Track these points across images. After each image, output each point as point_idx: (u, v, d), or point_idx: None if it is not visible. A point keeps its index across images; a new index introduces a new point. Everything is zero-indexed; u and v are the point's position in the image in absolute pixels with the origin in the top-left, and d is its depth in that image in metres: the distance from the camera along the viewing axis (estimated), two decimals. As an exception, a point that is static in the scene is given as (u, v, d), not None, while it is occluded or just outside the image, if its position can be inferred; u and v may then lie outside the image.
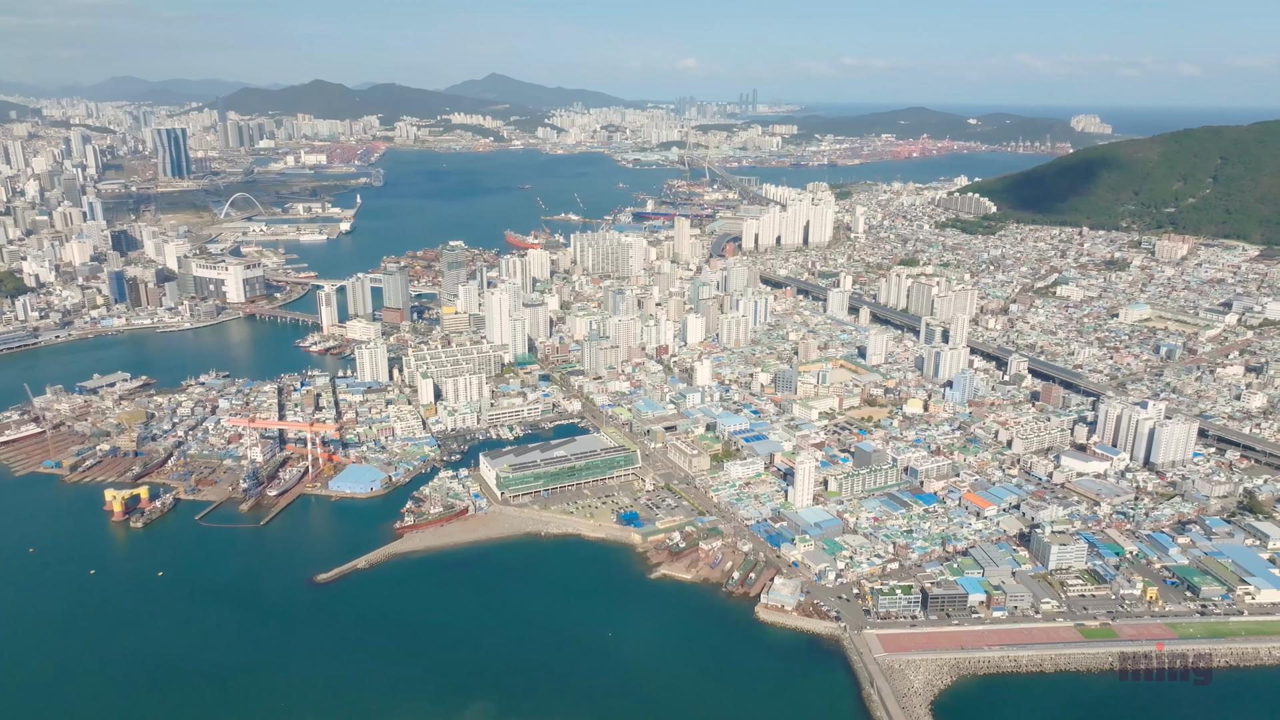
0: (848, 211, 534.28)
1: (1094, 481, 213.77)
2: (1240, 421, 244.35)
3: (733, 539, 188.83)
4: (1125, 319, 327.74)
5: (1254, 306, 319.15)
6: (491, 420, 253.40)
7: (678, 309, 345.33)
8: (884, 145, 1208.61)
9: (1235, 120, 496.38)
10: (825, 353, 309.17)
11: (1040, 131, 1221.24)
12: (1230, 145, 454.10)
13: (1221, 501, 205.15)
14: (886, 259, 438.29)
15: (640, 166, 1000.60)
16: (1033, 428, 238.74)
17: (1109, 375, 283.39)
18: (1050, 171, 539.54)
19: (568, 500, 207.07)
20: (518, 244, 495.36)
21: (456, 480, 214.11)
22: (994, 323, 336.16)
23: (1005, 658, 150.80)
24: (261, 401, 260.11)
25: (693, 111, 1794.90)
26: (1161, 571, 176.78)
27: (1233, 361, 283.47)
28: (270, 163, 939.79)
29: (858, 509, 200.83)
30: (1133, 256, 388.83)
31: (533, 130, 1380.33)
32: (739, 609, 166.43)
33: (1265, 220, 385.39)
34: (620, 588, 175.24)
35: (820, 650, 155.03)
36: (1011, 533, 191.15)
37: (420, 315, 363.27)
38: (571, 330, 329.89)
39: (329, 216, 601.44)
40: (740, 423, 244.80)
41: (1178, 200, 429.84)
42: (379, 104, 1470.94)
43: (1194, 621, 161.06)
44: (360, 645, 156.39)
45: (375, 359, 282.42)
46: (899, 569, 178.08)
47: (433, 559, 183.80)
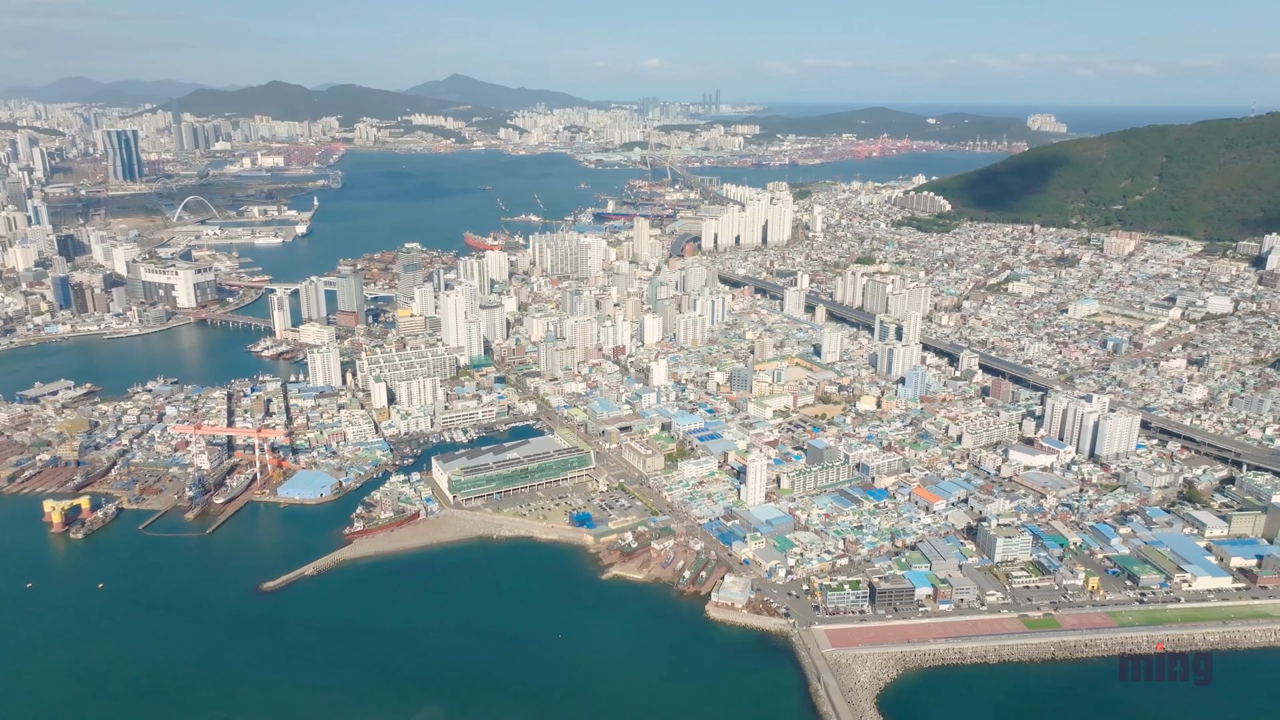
0: (806, 211, 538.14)
1: (1041, 475, 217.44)
2: (1182, 413, 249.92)
3: (685, 538, 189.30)
4: (1074, 314, 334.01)
5: (1196, 301, 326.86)
6: (446, 423, 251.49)
7: (635, 309, 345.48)
8: (845, 145, 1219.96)
9: (1186, 119, 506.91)
10: (781, 351, 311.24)
11: (997, 131, 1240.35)
12: (1175, 144, 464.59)
13: (1162, 492, 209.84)
14: (844, 257, 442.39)
15: (603, 167, 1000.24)
16: (982, 423, 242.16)
17: (1057, 370, 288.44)
18: (1004, 170, 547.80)
19: (521, 502, 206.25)
20: (477, 245, 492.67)
21: (408, 484, 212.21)
22: (947, 319, 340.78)
23: (950, 650, 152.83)
24: (210, 408, 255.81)
25: (656, 112, 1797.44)
26: (1103, 562, 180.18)
27: (1176, 355, 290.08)
28: (226, 165, 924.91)
29: (809, 506, 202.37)
30: (1082, 253, 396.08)
31: (495, 131, 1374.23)
32: (690, 608, 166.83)
33: (1207, 217, 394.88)
34: (572, 589, 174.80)
35: (769, 647, 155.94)
36: (960, 526, 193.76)
37: (376, 318, 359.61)
38: (528, 332, 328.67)
39: (285, 219, 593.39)
40: (695, 422, 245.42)
41: (1125, 198, 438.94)
42: (338, 105, 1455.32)
43: (1133, 610, 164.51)
44: (306, 653, 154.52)
45: (328, 363, 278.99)
46: (849, 564, 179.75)
47: (382, 564, 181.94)
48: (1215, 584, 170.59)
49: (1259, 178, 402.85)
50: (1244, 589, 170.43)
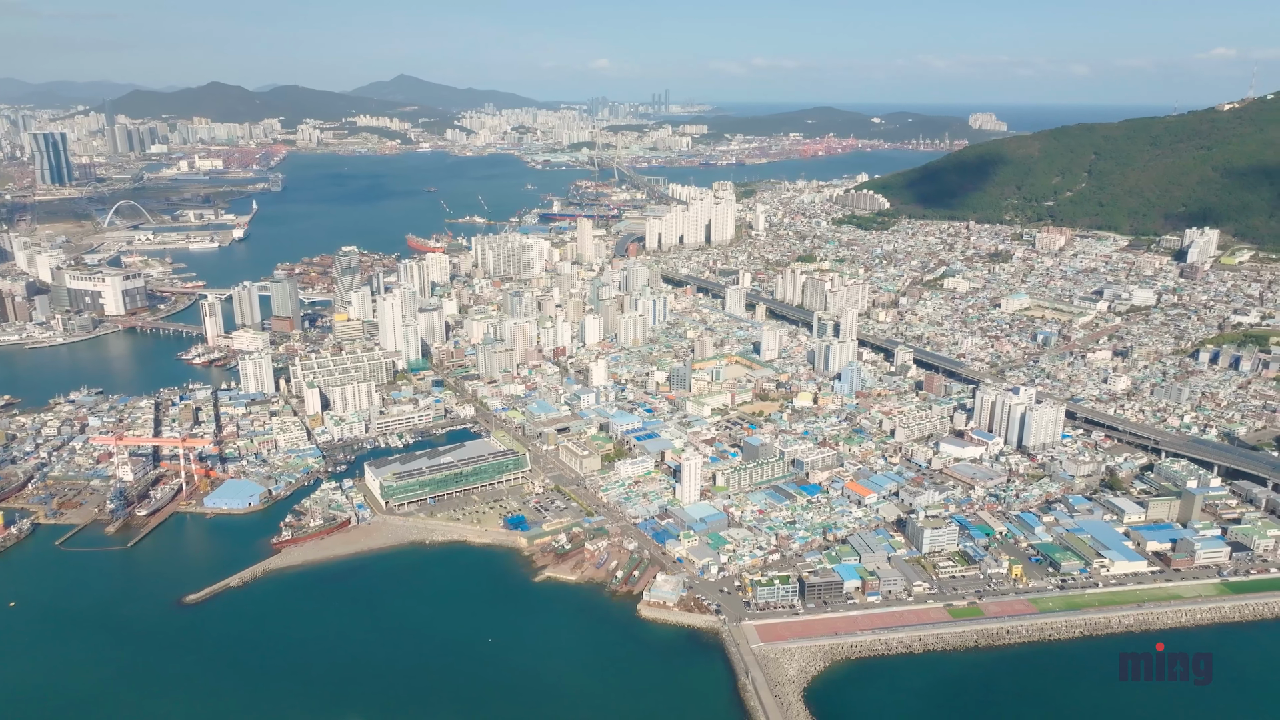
0: (750, 210, 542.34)
1: (970, 466, 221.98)
2: (1106, 403, 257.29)
3: (619, 538, 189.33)
4: (1007, 309, 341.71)
5: (1122, 294, 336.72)
6: (381, 428, 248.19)
7: (577, 310, 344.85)
8: (791, 144, 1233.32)
9: (1119, 118, 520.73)
10: (721, 350, 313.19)
11: (940, 129, 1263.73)
12: (1103, 141, 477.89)
13: (1086, 480, 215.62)
14: (785, 256, 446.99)
15: (550, 168, 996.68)
16: (915, 416, 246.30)
17: (989, 363, 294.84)
18: (941, 168, 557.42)
19: (455, 507, 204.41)
20: (419, 248, 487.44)
21: (340, 491, 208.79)
22: (884, 315, 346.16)
23: (876, 641, 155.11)
24: (136, 418, 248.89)
25: (605, 112, 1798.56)
26: (1027, 550, 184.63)
27: (1102, 347, 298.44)
28: (162, 168, 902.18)
29: (744, 503, 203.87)
30: (1015, 248, 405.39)
31: (441, 132, 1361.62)
32: (622, 607, 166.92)
33: (1133, 212, 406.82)
34: (504, 592, 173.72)
35: (700, 644, 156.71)
36: (890, 519, 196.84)
37: (313, 323, 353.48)
38: (468, 334, 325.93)
39: (222, 223, 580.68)
40: (633, 422, 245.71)
41: (1056, 194, 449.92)
42: (281, 106, 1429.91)
43: (1054, 596, 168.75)
44: (229, 666, 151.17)
45: (260, 369, 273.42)
46: (780, 560, 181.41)
47: (311, 573, 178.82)
48: (1132, 568, 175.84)
49: (1180, 174, 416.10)
50: (1158, 572, 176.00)
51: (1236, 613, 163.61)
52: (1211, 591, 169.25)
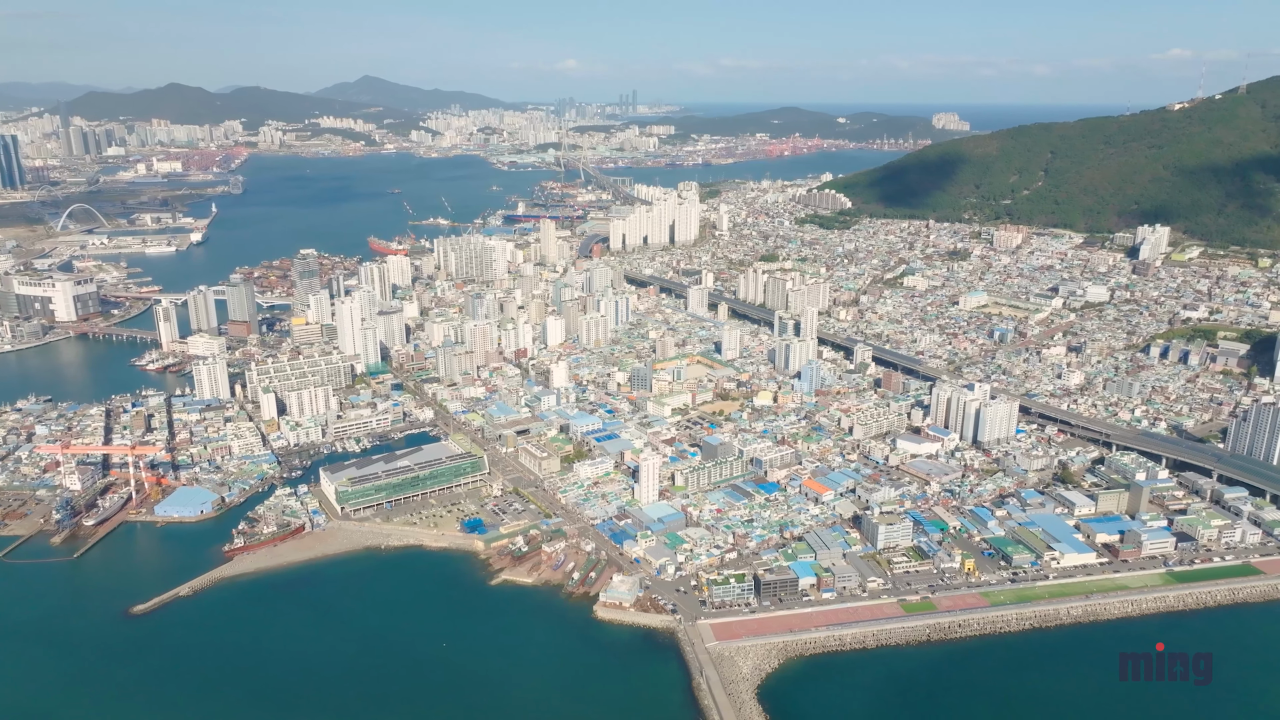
0: (713, 210, 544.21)
1: (926, 462, 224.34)
2: (1060, 398, 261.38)
3: (576, 540, 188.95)
4: (965, 306, 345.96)
5: (1076, 290, 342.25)
6: (338, 433, 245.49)
7: (539, 312, 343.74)
8: (757, 144, 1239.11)
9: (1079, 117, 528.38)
10: (683, 350, 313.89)
11: (904, 129, 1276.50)
12: (1059, 140, 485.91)
13: (1039, 474, 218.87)
14: (748, 255, 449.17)
15: (516, 169, 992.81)
16: (873, 413, 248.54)
17: (947, 360, 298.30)
18: (902, 168, 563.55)
19: (412, 511, 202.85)
20: (382, 250, 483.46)
21: (295, 497, 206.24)
22: (845, 314, 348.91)
23: (830, 637, 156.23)
24: (86, 426, 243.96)
25: (572, 113, 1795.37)
26: (980, 544, 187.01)
27: (1057, 343, 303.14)
28: (119, 171, 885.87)
29: (702, 502, 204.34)
30: (973, 246, 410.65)
31: (406, 134, 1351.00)
32: (578, 609, 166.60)
33: (1088, 210, 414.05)
34: (459, 596, 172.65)
35: (655, 644, 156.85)
36: (847, 516, 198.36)
37: (271, 327, 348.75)
38: (429, 337, 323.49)
39: (180, 227, 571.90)
40: (593, 423, 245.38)
41: (1014, 192, 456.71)
42: (242, 108, 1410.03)
43: (1005, 589, 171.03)
44: (177, 677, 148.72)
45: (215, 375, 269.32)
46: (737, 558, 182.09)
47: (264, 581, 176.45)
48: (1081, 560, 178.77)
49: (1133, 172, 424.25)
50: (1107, 563, 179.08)
51: (1180, 602, 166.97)
52: (1157, 581, 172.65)
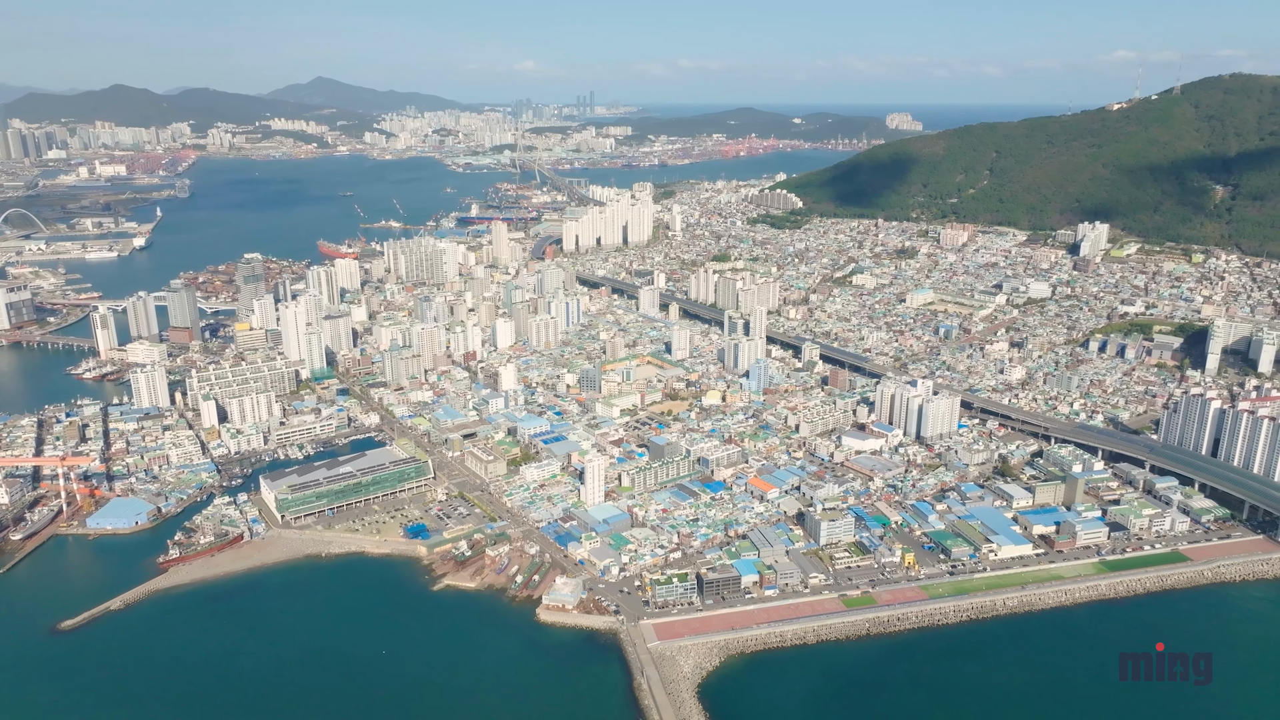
0: (667, 210, 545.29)
1: (870, 458, 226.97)
2: (1002, 393, 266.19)
3: (520, 543, 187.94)
4: (912, 303, 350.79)
5: (1019, 287, 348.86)
6: (281, 440, 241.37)
7: (490, 314, 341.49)
8: (714, 145, 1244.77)
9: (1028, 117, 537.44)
10: (634, 350, 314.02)
11: (858, 129, 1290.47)
12: (1003, 140, 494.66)
13: (980, 468, 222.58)
14: (701, 255, 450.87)
15: (471, 171, 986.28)
16: (819, 411, 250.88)
17: (893, 357, 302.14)
18: (852, 168, 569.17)
19: (355, 518, 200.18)
20: (331, 254, 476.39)
21: (234, 506, 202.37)
22: (794, 313, 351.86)
23: (771, 634, 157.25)
24: (16, 437, 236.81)
25: (529, 114, 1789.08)
26: (921, 538, 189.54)
27: (999, 339, 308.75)
28: (60, 175, 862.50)
29: (648, 502, 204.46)
30: (921, 245, 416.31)
31: (360, 135, 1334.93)
32: (521, 612, 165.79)
33: (1031, 208, 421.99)
34: (401, 603, 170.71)
35: (597, 645, 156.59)
36: (791, 513, 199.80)
37: (214, 334, 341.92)
38: (377, 341, 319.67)
39: (122, 232, 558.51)
40: (540, 425, 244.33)
41: (960, 191, 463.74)
42: (190, 110, 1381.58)
43: (944, 582, 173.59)
44: (106, 693, 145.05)
45: (154, 383, 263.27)
46: (682, 557, 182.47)
47: (199, 592, 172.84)
48: (1018, 552, 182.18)
49: (1074, 170, 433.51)
50: (1042, 554, 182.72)
51: (1111, 590, 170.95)
52: (1090, 571, 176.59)
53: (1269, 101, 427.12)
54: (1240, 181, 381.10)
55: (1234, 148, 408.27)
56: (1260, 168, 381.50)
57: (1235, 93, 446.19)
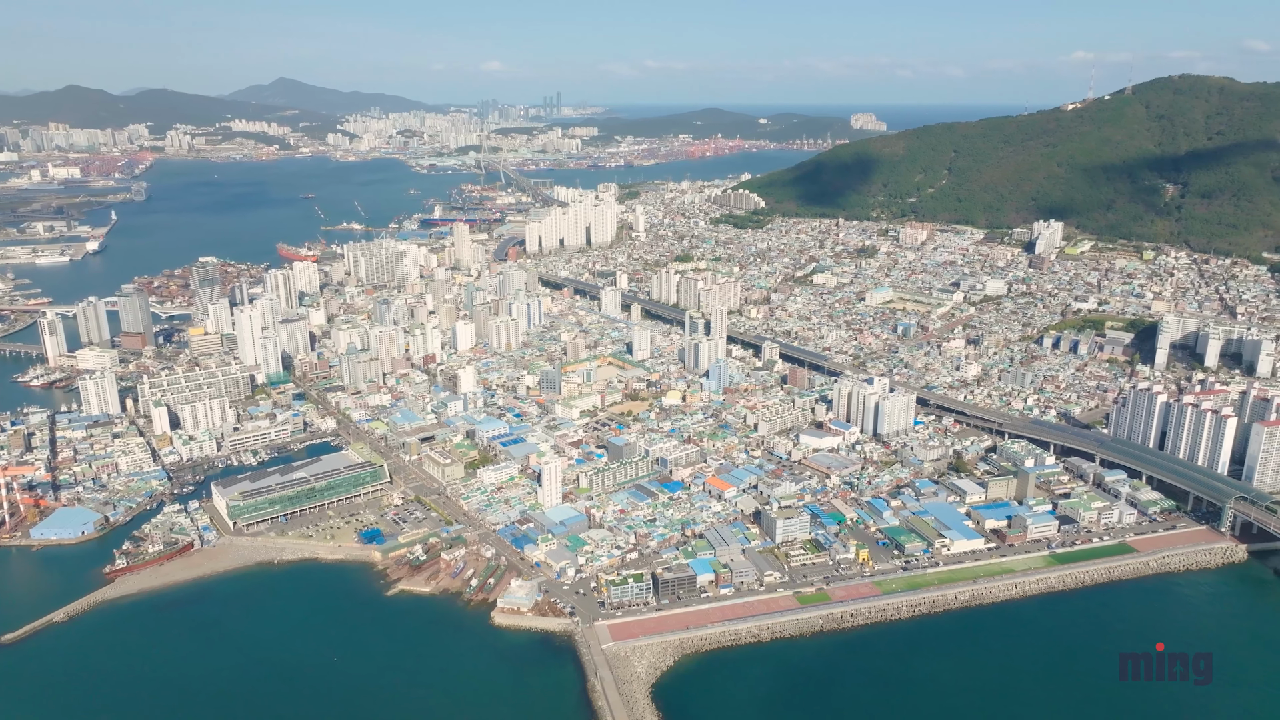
0: (631, 211, 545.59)
1: (827, 456, 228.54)
2: (958, 390, 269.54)
3: (476, 546, 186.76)
4: (871, 302, 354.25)
5: (976, 285, 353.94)
6: (234, 446, 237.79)
7: (450, 316, 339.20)
8: (680, 145, 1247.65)
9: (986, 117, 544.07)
10: (595, 351, 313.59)
11: (823, 130, 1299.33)
12: (961, 140, 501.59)
13: (935, 464, 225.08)
14: (664, 256, 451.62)
15: (436, 172, 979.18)
16: (777, 409, 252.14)
17: (852, 355, 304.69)
18: (814, 168, 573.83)
19: (309, 523, 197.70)
20: (291, 256, 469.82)
21: (184, 514, 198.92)
22: (756, 312, 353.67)
23: (725, 632, 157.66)
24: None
25: (495, 115, 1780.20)
26: (876, 534, 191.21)
27: (957, 336, 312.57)
28: (11, 178, 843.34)
29: (605, 503, 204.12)
30: (881, 244, 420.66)
31: (323, 137, 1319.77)
32: (476, 616, 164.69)
33: (988, 207, 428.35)
34: (354, 608, 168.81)
35: (552, 647, 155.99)
36: (748, 511, 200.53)
37: (169, 339, 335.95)
38: (335, 344, 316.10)
39: (75, 236, 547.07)
40: (499, 427, 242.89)
41: (919, 191, 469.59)
42: (148, 111, 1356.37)
43: (897, 577, 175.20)
44: (48, 708, 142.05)
45: (103, 389, 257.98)
46: (639, 558, 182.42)
47: (147, 602, 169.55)
48: (970, 546, 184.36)
49: (1030, 170, 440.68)
50: (994, 548, 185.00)
51: (1061, 582, 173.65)
52: (1040, 564, 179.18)
53: (1216, 102, 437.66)
54: (1189, 180, 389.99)
55: (1183, 147, 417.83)
56: (1208, 166, 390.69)
57: (1184, 93, 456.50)
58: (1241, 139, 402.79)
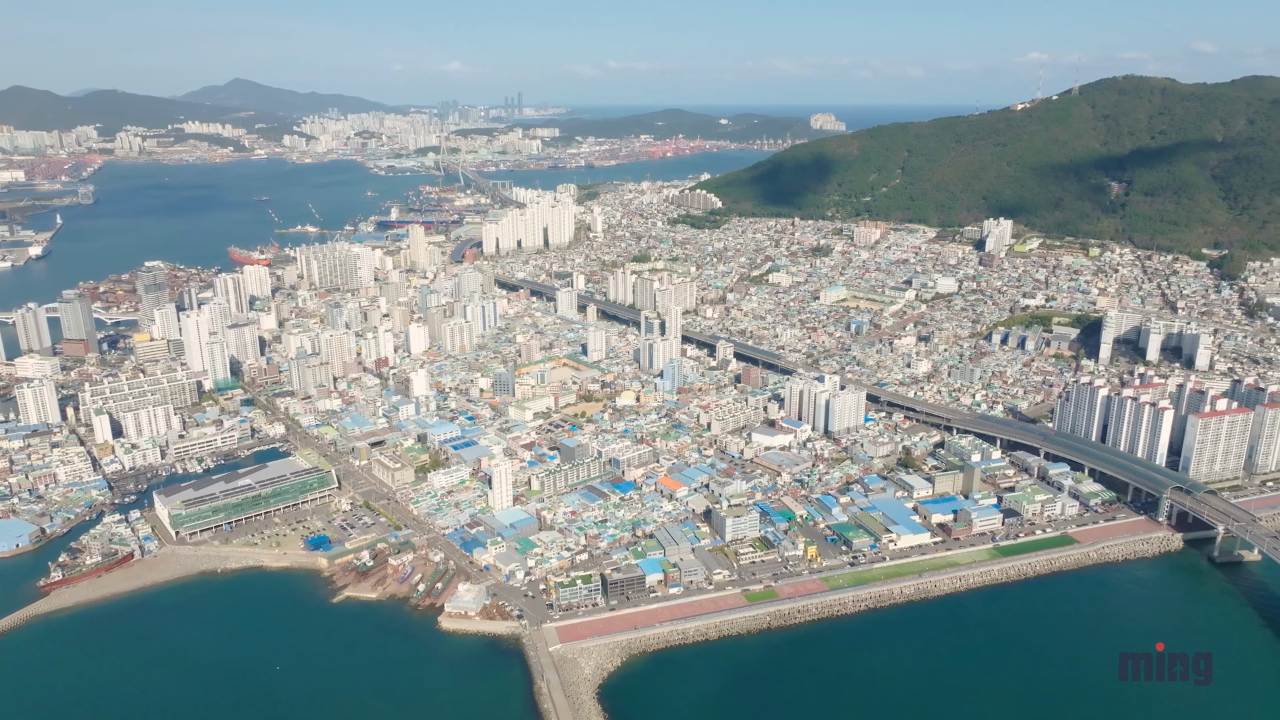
0: (589, 212, 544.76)
1: (779, 454, 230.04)
2: (908, 386, 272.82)
3: (425, 550, 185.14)
4: (825, 300, 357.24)
5: (928, 282, 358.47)
6: (180, 454, 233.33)
7: (403, 319, 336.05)
8: (641, 146, 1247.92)
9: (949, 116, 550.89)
10: (550, 352, 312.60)
11: (783, 130, 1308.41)
12: (914, 139, 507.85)
13: (884, 460, 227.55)
14: (621, 256, 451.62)
15: (394, 173, 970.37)
16: (730, 408, 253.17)
17: (806, 353, 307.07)
18: (771, 167, 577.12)
19: (254, 531, 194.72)
20: (243, 260, 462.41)
21: (125, 524, 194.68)
22: (711, 312, 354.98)
23: (673, 632, 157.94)
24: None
25: (455, 116, 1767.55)
26: (824, 531, 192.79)
27: (908, 333, 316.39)
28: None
29: (556, 505, 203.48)
30: (835, 243, 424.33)
31: (279, 138, 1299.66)
32: (422, 621, 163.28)
33: (940, 205, 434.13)
34: (298, 616, 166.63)
35: (499, 650, 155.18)
36: (700, 510, 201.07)
37: (114, 345, 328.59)
38: (286, 349, 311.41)
39: (18, 240, 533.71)
40: (451, 431, 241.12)
41: (873, 190, 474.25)
42: (98, 113, 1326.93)
43: (844, 573, 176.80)
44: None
45: (41, 398, 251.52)
46: (589, 559, 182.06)
47: (84, 615, 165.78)
48: (916, 541, 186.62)
49: (980, 168, 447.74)
50: (940, 542, 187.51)
51: (1004, 574, 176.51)
52: (984, 556, 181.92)
53: (1158, 102, 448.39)
54: (1134, 178, 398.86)
55: (1128, 146, 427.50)
56: (1151, 165, 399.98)
57: (1128, 94, 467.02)
58: (1183, 138, 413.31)
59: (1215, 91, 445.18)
